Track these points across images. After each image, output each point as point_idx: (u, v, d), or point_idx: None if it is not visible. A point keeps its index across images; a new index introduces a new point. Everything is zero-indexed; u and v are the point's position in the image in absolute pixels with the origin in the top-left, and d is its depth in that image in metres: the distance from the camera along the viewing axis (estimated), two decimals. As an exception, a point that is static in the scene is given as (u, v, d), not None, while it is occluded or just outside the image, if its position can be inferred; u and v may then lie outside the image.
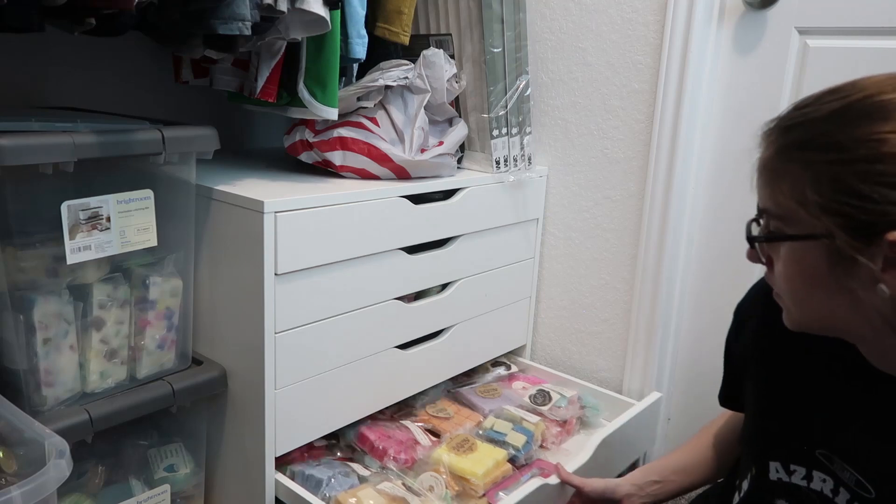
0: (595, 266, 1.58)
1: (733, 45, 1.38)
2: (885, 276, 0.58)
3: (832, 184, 0.59)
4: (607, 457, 1.32)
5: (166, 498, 1.16)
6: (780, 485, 0.78)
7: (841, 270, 0.61)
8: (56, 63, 1.33)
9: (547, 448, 1.37)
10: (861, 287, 0.61)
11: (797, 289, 0.66)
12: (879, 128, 0.57)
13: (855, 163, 0.58)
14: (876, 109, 0.58)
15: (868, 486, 0.68)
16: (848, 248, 0.59)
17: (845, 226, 0.59)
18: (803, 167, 0.61)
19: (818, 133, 0.61)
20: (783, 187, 0.63)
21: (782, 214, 0.64)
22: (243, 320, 1.11)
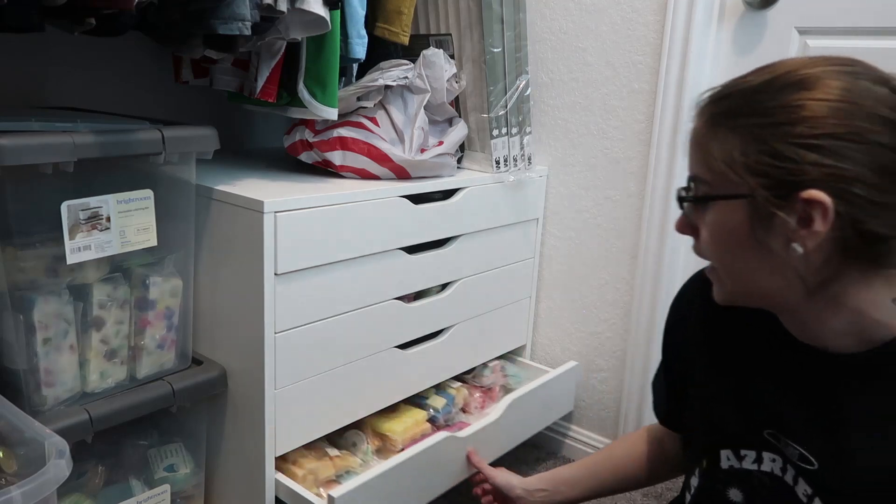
0: (595, 266, 1.58)
1: (733, 45, 1.38)
2: (800, 234, 0.63)
3: (757, 145, 0.64)
4: (518, 418, 1.46)
5: (166, 498, 1.16)
6: (731, 472, 0.79)
7: (761, 229, 0.65)
8: (56, 63, 1.33)
9: (469, 412, 1.52)
10: (777, 245, 0.65)
11: (723, 252, 0.70)
12: (801, 95, 0.62)
13: (778, 126, 0.63)
14: (799, 80, 0.63)
15: (810, 458, 0.71)
16: (768, 205, 0.63)
17: (767, 185, 0.63)
18: (732, 131, 0.66)
19: (747, 101, 0.66)
20: (713, 151, 0.67)
21: (710, 178, 0.68)
22: (243, 320, 1.11)
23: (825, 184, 0.61)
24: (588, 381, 1.65)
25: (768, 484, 0.76)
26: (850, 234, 0.62)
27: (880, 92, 0.62)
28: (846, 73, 0.63)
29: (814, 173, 0.61)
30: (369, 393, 1.29)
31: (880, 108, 0.61)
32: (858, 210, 0.61)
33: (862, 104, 0.61)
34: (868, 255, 0.64)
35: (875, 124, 0.61)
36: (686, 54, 1.36)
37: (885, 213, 0.62)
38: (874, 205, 0.61)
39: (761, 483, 0.77)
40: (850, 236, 0.62)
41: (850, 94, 0.61)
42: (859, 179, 0.60)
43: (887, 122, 0.61)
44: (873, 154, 0.60)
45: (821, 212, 0.61)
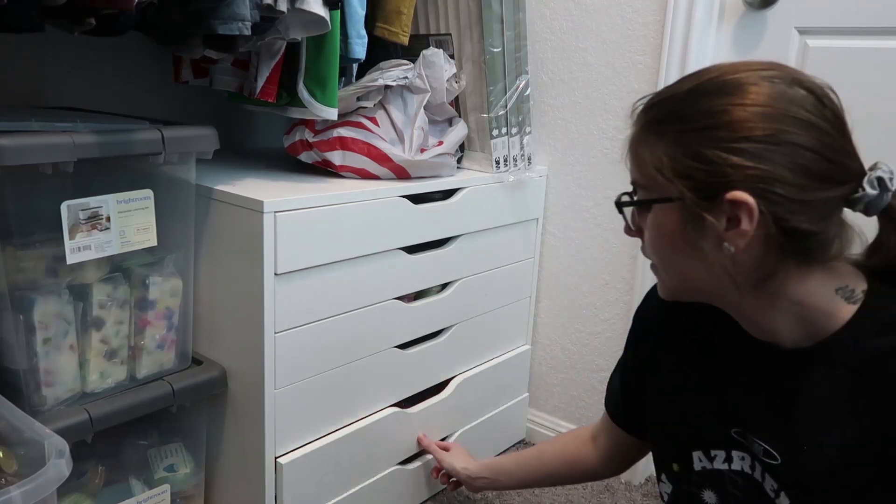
0: (595, 266, 1.58)
1: (733, 45, 1.38)
2: (728, 234, 0.65)
3: (682, 149, 0.67)
4: (468, 398, 1.52)
5: (166, 498, 1.16)
6: (704, 474, 0.81)
7: (692, 230, 0.68)
8: (56, 63, 1.33)
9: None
10: (710, 246, 0.67)
11: (661, 252, 0.73)
12: (722, 101, 0.65)
13: (701, 131, 0.66)
14: (722, 86, 0.66)
15: (774, 452, 0.72)
16: (696, 207, 0.66)
17: (693, 187, 0.66)
18: (661, 137, 0.69)
19: (674, 108, 0.69)
20: (645, 157, 0.70)
21: (645, 183, 0.71)
22: (243, 320, 1.11)
23: (748, 185, 0.63)
24: (588, 381, 1.65)
25: (740, 483, 0.78)
26: (778, 232, 0.64)
27: (797, 94, 0.65)
28: (765, 77, 0.66)
29: (737, 175, 0.63)
30: (369, 393, 1.29)
31: (796, 110, 0.64)
32: (782, 209, 0.63)
33: (778, 107, 0.63)
34: (800, 249, 0.66)
35: (792, 126, 0.63)
36: (686, 54, 1.36)
37: (808, 210, 0.64)
38: (796, 202, 0.63)
39: (733, 483, 0.78)
40: (778, 234, 0.65)
41: (768, 98, 0.64)
42: (780, 179, 0.63)
43: (803, 124, 0.63)
44: (792, 154, 0.63)
45: (746, 212, 0.64)
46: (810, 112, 0.64)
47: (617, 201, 0.76)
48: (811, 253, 0.67)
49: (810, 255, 0.67)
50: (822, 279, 0.68)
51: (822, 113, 0.64)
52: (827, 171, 0.64)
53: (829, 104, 0.65)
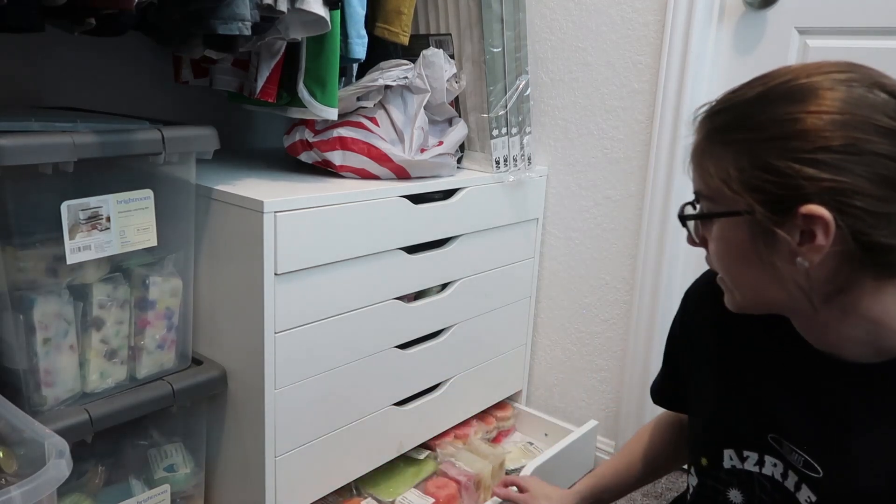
0: (595, 266, 1.58)
1: (733, 45, 1.38)
2: (802, 249, 0.62)
3: (751, 160, 0.63)
4: (468, 397, 1.52)
5: (166, 498, 1.16)
6: (733, 473, 0.79)
7: (763, 245, 0.64)
8: (56, 63, 1.33)
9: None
10: (782, 261, 0.64)
11: (729, 266, 0.70)
12: (794, 108, 0.61)
13: (772, 140, 0.62)
14: (792, 92, 0.63)
15: (816, 465, 0.70)
16: (767, 222, 0.63)
17: (764, 201, 0.62)
18: (727, 147, 0.65)
19: (741, 115, 0.65)
20: (710, 168, 0.66)
21: (710, 195, 0.68)
22: (243, 320, 1.11)
23: (824, 198, 0.60)
24: (588, 381, 1.65)
25: (768, 488, 0.76)
26: (856, 247, 0.61)
27: (877, 99, 0.61)
28: (840, 81, 0.62)
29: (812, 188, 0.60)
30: (369, 393, 1.29)
31: (877, 116, 0.60)
32: (860, 222, 0.60)
33: (857, 114, 0.60)
34: (878, 264, 0.63)
35: (872, 134, 0.59)
36: (686, 54, 1.36)
37: (890, 224, 0.60)
38: (876, 216, 0.60)
39: (762, 486, 0.77)
40: (855, 248, 0.61)
41: (844, 104, 0.60)
42: (859, 192, 0.59)
43: (885, 132, 0.59)
44: (872, 165, 0.59)
45: (822, 227, 0.60)
46: (892, 118, 0.60)
47: (680, 214, 0.72)
48: (890, 267, 0.63)
49: (889, 269, 0.63)
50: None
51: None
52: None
53: None
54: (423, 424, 1.44)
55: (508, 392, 1.69)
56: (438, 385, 1.46)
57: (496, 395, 1.66)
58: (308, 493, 1.24)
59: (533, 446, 1.65)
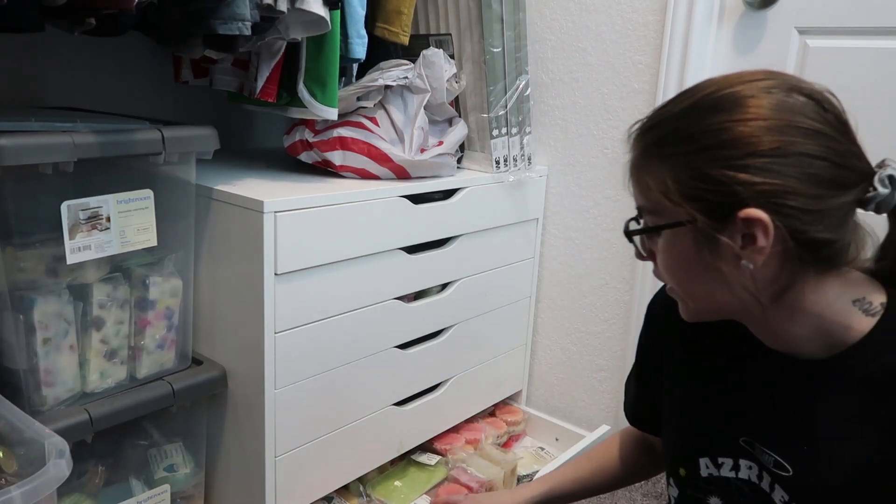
0: (595, 266, 1.58)
1: (733, 45, 1.38)
2: (745, 252, 0.64)
3: (687, 172, 0.65)
4: (462, 394, 1.50)
5: (166, 498, 1.16)
6: (711, 480, 0.80)
7: (708, 252, 0.66)
8: (56, 63, 1.33)
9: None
10: (727, 266, 0.66)
11: (678, 276, 0.72)
12: (721, 117, 0.64)
13: (704, 150, 0.64)
14: (718, 102, 0.65)
15: (785, 464, 0.71)
16: (709, 229, 0.65)
17: (703, 209, 0.65)
18: (663, 161, 0.67)
19: (673, 129, 0.68)
20: (649, 182, 0.69)
21: (652, 208, 0.70)
22: (243, 320, 1.11)
23: (760, 201, 0.62)
24: (588, 381, 1.65)
25: (746, 491, 0.77)
26: (795, 245, 0.63)
27: (796, 102, 0.63)
28: (761, 88, 0.64)
29: (747, 192, 0.62)
30: (369, 393, 1.29)
31: (799, 118, 0.62)
32: (796, 221, 0.62)
33: (780, 118, 0.62)
34: (818, 259, 0.65)
35: (797, 136, 0.62)
36: (686, 54, 1.36)
37: (824, 219, 0.63)
38: (811, 213, 0.62)
39: (739, 490, 0.78)
40: (794, 246, 0.63)
41: (768, 110, 0.63)
42: (791, 192, 0.62)
43: (808, 132, 0.62)
44: (800, 165, 0.62)
45: (761, 229, 0.62)
46: (813, 119, 0.63)
47: (625, 230, 0.74)
48: (829, 261, 0.65)
49: (828, 262, 0.65)
50: (839, 290, 0.67)
51: (824, 118, 0.63)
52: (838, 177, 0.63)
53: (830, 108, 0.64)
54: (424, 424, 1.44)
55: (508, 392, 1.69)
56: (438, 385, 1.46)
57: (496, 395, 1.66)
58: (308, 493, 1.24)
59: (544, 451, 1.64)
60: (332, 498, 1.32)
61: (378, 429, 1.33)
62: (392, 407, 1.35)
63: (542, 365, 1.72)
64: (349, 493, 1.35)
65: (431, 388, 1.45)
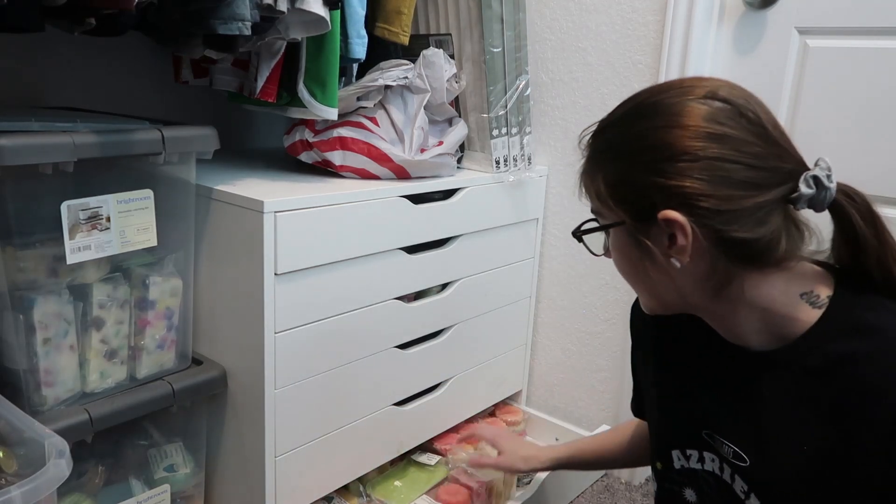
0: (595, 266, 1.58)
1: (733, 45, 1.38)
2: (671, 251, 0.68)
3: (616, 176, 0.70)
4: (462, 394, 1.50)
5: (166, 498, 1.16)
6: (682, 472, 0.83)
7: (640, 251, 0.71)
8: (56, 63, 1.33)
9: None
10: (660, 263, 0.70)
11: (625, 273, 0.77)
12: (644, 124, 0.68)
13: (629, 156, 0.69)
14: (644, 110, 0.70)
15: (743, 455, 0.74)
16: (637, 230, 0.70)
17: (630, 212, 0.70)
18: (600, 166, 0.73)
19: (609, 136, 0.73)
20: (590, 187, 0.74)
21: (596, 210, 0.75)
22: (243, 320, 1.11)
23: (674, 203, 0.66)
24: (588, 381, 1.65)
25: (712, 483, 0.79)
26: (713, 244, 0.66)
27: (709, 108, 0.66)
28: (679, 95, 0.68)
29: (663, 195, 0.66)
30: (369, 393, 1.29)
31: (707, 124, 0.65)
32: (711, 220, 0.65)
33: (690, 125, 0.65)
34: (744, 256, 0.67)
35: (704, 140, 0.65)
36: (686, 54, 1.36)
37: (738, 219, 0.65)
38: (725, 213, 0.65)
39: (706, 482, 0.80)
40: (716, 244, 0.66)
41: (681, 116, 0.66)
42: (703, 194, 0.65)
43: (716, 137, 0.65)
44: (711, 168, 0.64)
45: (679, 229, 0.66)
46: (725, 124, 0.65)
47: (574, 231, 0.78)
48: (756, 258, 0.67)
49: (756, 260, 0.68)
50: (784, 284, 0.69)
51: (738, 123, 0.65)
52: (753, 179, 0.65)
53: (745, 112, 0.66)
54: (424, 424, 1.44)
55: (508, 392, 1.69)
56: (438, 385, 1.46)
57: (496, 396, 1.66)
58: (308, 493, 1.24)
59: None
60: (332, 498, 1.32)
61: (378, 429, 1.33)
62: (392, 407, 1.35)
63: (542, 365, 1.72)
64: (349, 493, 1.35)
65: (431, 388, 1.45)
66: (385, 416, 1.34)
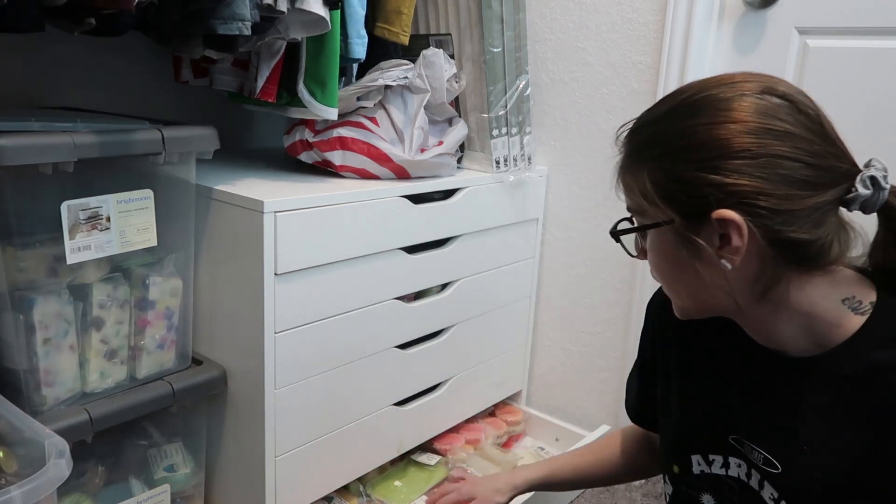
0: (595, 266, 1.58)
1: (733, 45, 1.38)
2: (722, 253, 0.65)
3: (664, 174, 0.67)
4: (461, 394, 1.51)
5: (166, 498, 1.16)
6: (702, 477, 0.81)
7: (687, 252, 0.68)
8: (56, 63, 1.33)
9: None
10: (708, 265, 0.67)
11: (664, 275, 0.74)
12: (695, 121, 0.66)
13: (679, 153, 0.66)
14: (693, 106, 0.67)
15: (774, 461, 0.72)
16: (686, 230, 0.67)
17: (680, 210, 0.66)
18: (643, 164, 0.69)
19: (653, 132, 0.70)
20: (632, 184, 0.71)
21: (637, 209, 0.72)
22: (243, 320, 1.11)
23: (732, 202, 0.63)
24: (588, 381, 1.65)
25: (736, 489, 0.78)
26: (772, 244, 0.64)
27: (768, 104, 0.64)
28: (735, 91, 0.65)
29: (719, 194, 0.63)
30: (369, 393, 1.29)
31: (768, 120, 0.63)
32: (769, 221, 0.63)
33: (750, 121, 0.63)
34: (797, 258, 0.65)
35: (767, 137, 0.63)
36: (686, 54, 1.36)
37: (798, 219, 0.63)
38: (784, 214, 0.63)
39: (730, 488, 0.78)
40: (771, 246, 0.64)
41: (741, 113, 0.64)
42: (763, 193, 0.62)
43: (779, 133, 0.63)
44: (771, 166, 0.62)
45: (735, 229, 0.63)
46: (785, 120, 0.63)
47: (612, 230, 0.76)
48: (810, 260, 0.66)
49: (809, 262, 0.66)
50: (827, 288, 0.67)
51: (797, 119, 0.64)
52: (812, 178, 0.63)
53: (804, 109, 0.64)
54: (424, 424, 1.45)
55: (508, 392, 1.69)
56: (438, 385, 1.46)
57: (496, 396, 1.66)
58: (308, 493, 1.24)
59: (544, 451, 1.64)
60: (332, 498, 1.32)
61: (378, 429, 1.33)
62: (392, 407, 1.35)
63: (542, 365, 1.72)
64: (349, 493, 1.35)
65: (431, 388, 1.45)
66: (385, 416, 1.34)
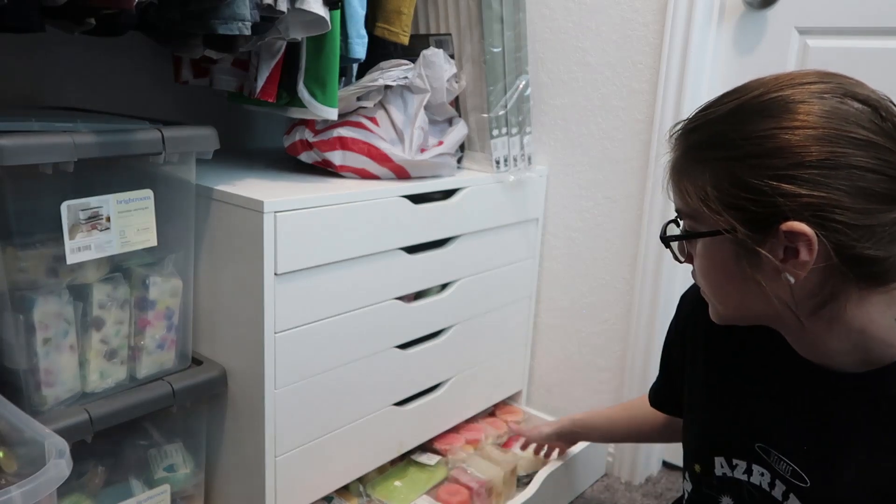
0: (595, 266, 1.58)
1: (733, 45, 1.38)
2: (786, 266, 0.61)
3: (729, 179, 0.62)
4: (463, 394, 1.52)
5: (166, 498, 1.16)
6: (724, 480, 0.79)
7: (746, 263, 0.64)
8: (56, 63, 1.33)
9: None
10: (766, 277, 0.63)
11: (714, 283, 0.69)
12: (767, 124, 0.60)
13: (747, 158, 0.61)
14: (765, 107, 0.61)
15: (803, 475, 0.70)
16: (749, 240, 0.62)
17: (744, 219, 0.62)
18: (703, 166, 0.64)
19: (715, 133, 0.64)
20: (688, 187, 0.66)
21: (691, 213, 0.67)
22: (243, 320, 1.11)
23: (805, 214, 0.59)
24: (588, 381, 1.65)
25: (757, 497, 0.76)
26: (841, 261, 0.60)
27: (850, 110, 0.59)
28: (813, 93, 0.60)
29: (791, 205, 0.59)
30: (369, 393, 1.29)
31: (851, 128, 0.59)
32: (843, 236, 0.59)
33: (832, 127, 0.58)
34: (864, 276, 0.62)
35: (848, 147, 0.58)
36: (686, 54, 1.36)
37: (873, 235, 0.59)
38: (859, 228, 0.59)
39: (750, 495, 0.77)
40: (840, 262, 0.60)
41: (818, 118, 0.59)
42: (839, 206, 0.58)
43: (861, 143, 0.58)
44: (851, 178, 0.58)
45: (805, 243, 0.59)
46: (868, 129, 0.58)
47: (662, 235, 0.72)
48: (877, 278, 0.62)
49: (875, 279, 0.62)
50: (884, 306, 0.64)
51: (881, 127, 0.59)
52: (892, 191, 0.59)
53: (888, 116, 0.60)
54: (424, 424, 1.45)
55: (508, 392, 1.69)
56: (438, 385, 1.46)
57: (496, 396, 1.66)
58: (308, 493, 1.24)
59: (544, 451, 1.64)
60: (332, 498, 1.32)
61: (378, 429, 1.33)
62: (392, 407, 1.35)
63: (542, 365, 1.72)
64: (349, 493, 1.35)
65: (431, 388, 1.45)
66: (385, 416, 1.34)
